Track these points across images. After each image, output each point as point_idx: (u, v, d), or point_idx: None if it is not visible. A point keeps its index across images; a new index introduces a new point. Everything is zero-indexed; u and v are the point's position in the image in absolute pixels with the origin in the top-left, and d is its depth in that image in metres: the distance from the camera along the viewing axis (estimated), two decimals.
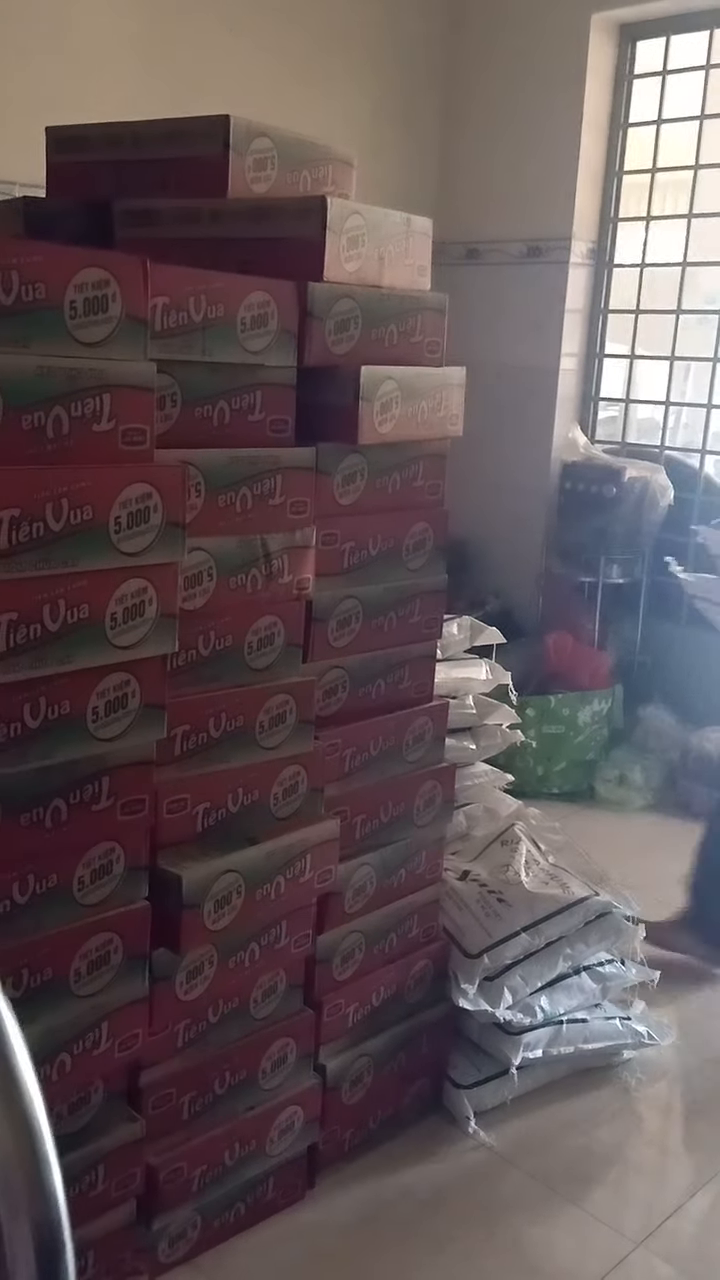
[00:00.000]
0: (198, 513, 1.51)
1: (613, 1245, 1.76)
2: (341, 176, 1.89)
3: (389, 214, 1.78)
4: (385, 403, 1.72)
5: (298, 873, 1.68)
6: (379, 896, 1.89)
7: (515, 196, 4.01)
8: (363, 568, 1.81)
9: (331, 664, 1.79)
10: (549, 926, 2.08)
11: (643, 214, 3.96)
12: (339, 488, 1.74)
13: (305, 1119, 1.78)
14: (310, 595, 1.70)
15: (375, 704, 1.88)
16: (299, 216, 1.66)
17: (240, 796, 1.62)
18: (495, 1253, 1.75)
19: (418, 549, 1.90)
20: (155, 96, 3.11)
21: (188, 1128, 1.63)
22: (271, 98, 3.39)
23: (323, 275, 1.65)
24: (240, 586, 1.59)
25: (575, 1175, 1.92)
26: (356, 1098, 1.89)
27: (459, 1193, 1.86)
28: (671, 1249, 1.76)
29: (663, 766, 3.59)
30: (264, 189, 1.77)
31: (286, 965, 1.74)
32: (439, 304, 1.85)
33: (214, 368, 1.53)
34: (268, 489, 1.60)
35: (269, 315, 1.58)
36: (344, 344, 1.70)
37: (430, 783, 1.97)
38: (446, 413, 1.87)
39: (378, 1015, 1.92)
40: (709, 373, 3.87)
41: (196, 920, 1.52)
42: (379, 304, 1.74)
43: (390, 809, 1.90)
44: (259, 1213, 1.76)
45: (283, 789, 1.68)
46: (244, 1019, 1.69)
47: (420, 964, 1.98)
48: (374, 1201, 1.83)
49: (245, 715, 1.61)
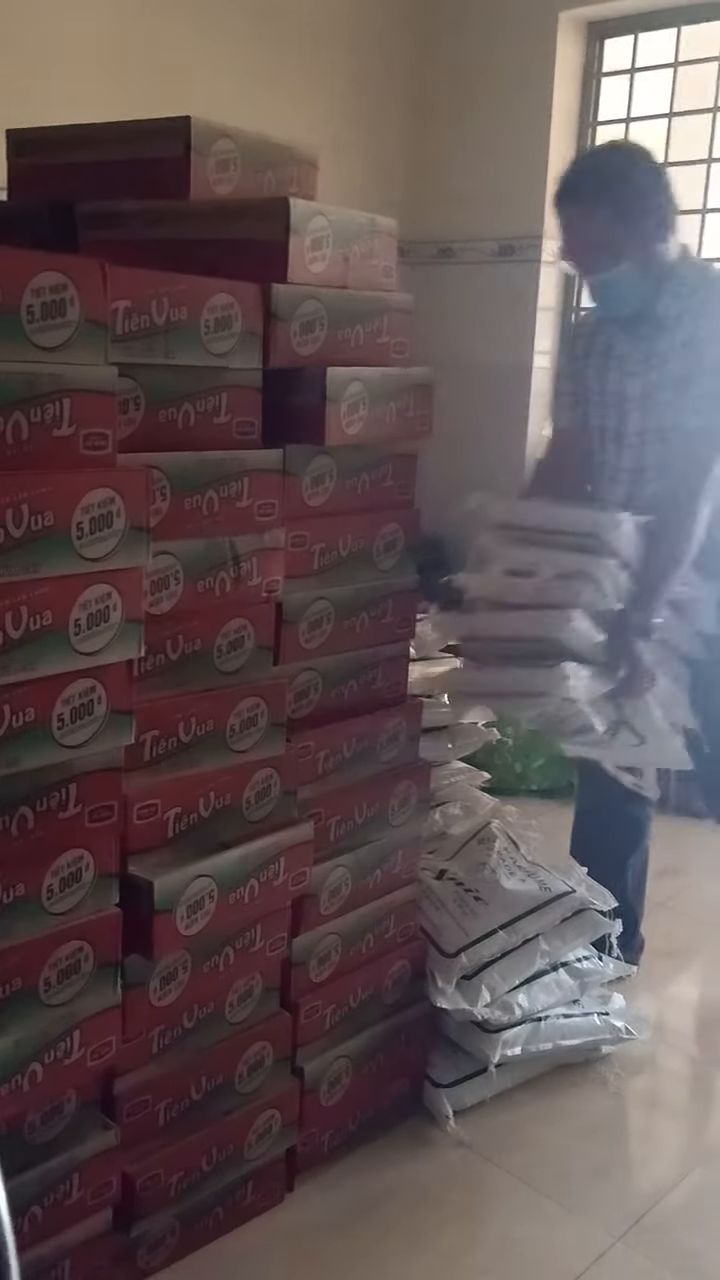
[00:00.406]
0: (163, 516, 1.50)
1: (593, 1240, 1.77)
2: (306, 177, 1.88)
3: (353, 214, 1.77)
4: (352, 404, 1.72)
5: (272, 876, 1.67)
6: (355, 898, 1.89)
7: (486, 195, 4.01)
8: (333, 569, 1.81)
9: (303, 666, 1.78)
10: (526, 924, 2.09)
11: None
12: (308, 489, 1.74)
13: (283, 1122, 1.78)
14: (280, 597, 1.70)
15: (348, 705, 1.88)
16: (262, 218, 1.65)
17: (212, 800, 1.61)
18: (476, 1251, 1.75)
19: (389, 549, 1.90)
20: (119, 98, 3.10)
21: (164, 1134, 1.62)
22: (238, 99, 3.38)
23: (287, 277, 1.64)
24: (209, 589, 1.58)
25: (555, 1172, 1.92)
26: (335, 1099, 1.89)
27: (439, 1192, 1.86)
28: (651, 1243, 1.77)
29: None
30: (227, 190, 1.77)
31: (262, 968, 1.73)
32: (405, 304, 1.84)
33: (178, 370, 1.53)
34: (235, 491, 1.59)
35: (233, 317, 1.57)
36: (309, 345, 1.69)
37: (405, 782, 1.97)
38: (415, 413, 1.86)
39: (355, 1016, 1.92)
40: None
41: (169, 926, 1.52)
42: (344, 305, 1.74)
43: (365, 810, 1.90)
44: (238, 1216, 1.75)
45: (255, 792, 1.67)
46: (219, 1023, 1.69)
47: (398, 964, 1.98)
48: (354, 1203, 1.82)
49: (216, 719, 1.60)
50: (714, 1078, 2.22)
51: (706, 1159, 1.98)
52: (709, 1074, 2.23)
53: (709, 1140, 2.05)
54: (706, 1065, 2.26)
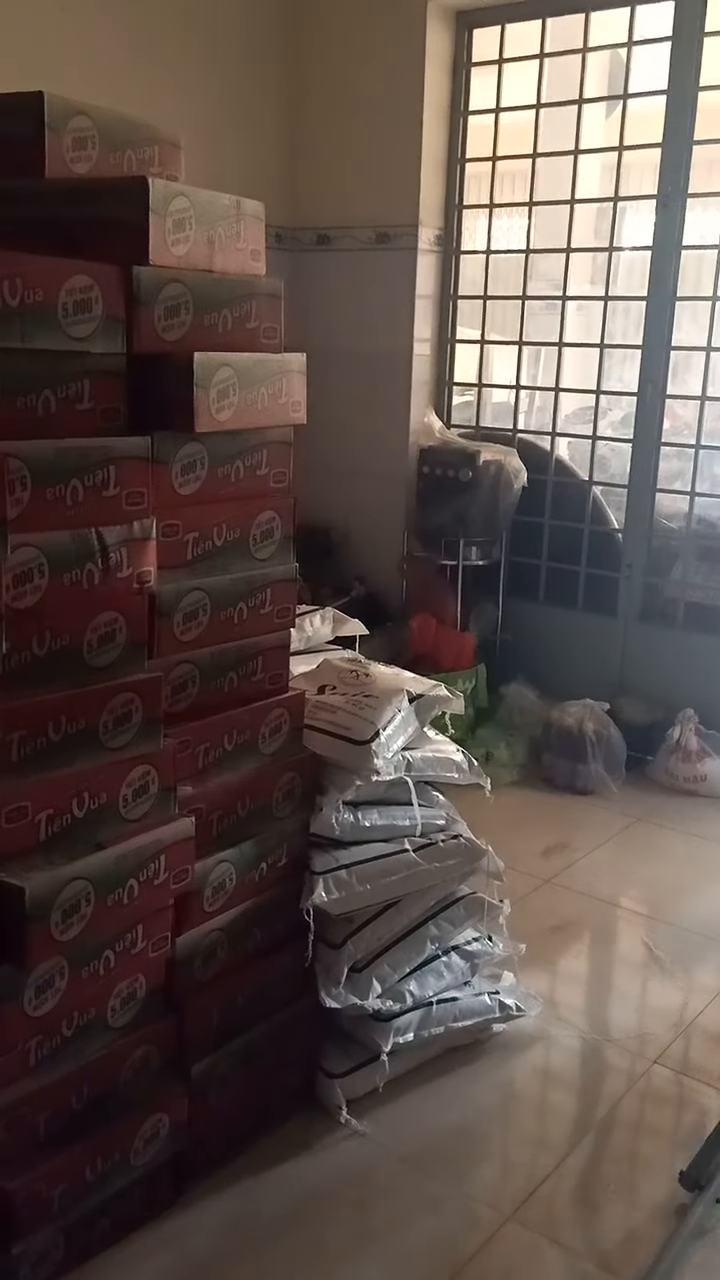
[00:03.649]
0: (24, 507, 1.44)
1: (485, 1220, 1.79)
2: (169, 158, 1.83)
3: (217, 196, 1.74)
4: (222, 390, 1.69)
5: (151, 875, 1.63)
6: (240, 892, 1.87)
7: (362, 183, 4.00)
8: (208, 559, 1.77)
9: (180, 659, 1.74)
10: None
11: (486, 201, 4.01)
12: (178, 477, 1.70)
13: (171, 1126, 1.74)
14: (153, 589, 1.66)
15: (229, 698, 1.85)
16: (120, 198, 1.61)
17: (86, 801, 1.56)
18: (367, 1242, 1.75)
19: (266, 538, 1.87)
20: None
21: (44, 1147, 1.57)
22: (109, 82, 3.28)
23: (148, 259, 1.60)
24: (75, 583, 1.53)
25: (448, 1154, 1.94)
26: (224, 1099, 1.86)
27: (332, 1185, 1.85)
28: (541, 1217, 1.80)
29: (527, 742, 3.67)
30: (85, 169, 1.70)
31: (145, 970, 1.69)
32: (274, 289, 1.82)
33: (35, 355, 1.47)
34: (100, 480, 1.54)
35: (92, 300, 1.52)
36: (175, 330, 1.65)
37: (289, 774, 1.95)
38: (289, 399, 1.84)
39: (244, 1013, 1.89)
40: (557, 356, 3.96)
41: (43, 932, 1.47)
42: (211, 289, 1.70)
43: (248, 803, 1.87)
44: (126, 1226, 1.71)
45: (132, 790, 1.63)
46: (102, 1030, 1.64)
47: (287, 957, 1.96)
48: (246, 1203, 1.80)
49: (87, 716, 1.55)
50: (602, 1050, 2.27)
51: (593, 1131, 2.03)
52: (597, 1047, 2.29)
53: (596, 1113, 2.09)
54: (594, 1038, 2.31)
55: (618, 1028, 2.36)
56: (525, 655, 3.94)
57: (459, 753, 2.23)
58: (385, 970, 2.05)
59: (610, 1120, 2.06)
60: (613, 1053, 2.26)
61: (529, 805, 3.44)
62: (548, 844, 3.17)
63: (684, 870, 3.09)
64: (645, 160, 3.66)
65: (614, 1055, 2.26)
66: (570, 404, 4.95)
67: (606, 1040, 2.31)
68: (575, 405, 4.96)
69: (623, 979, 2.60)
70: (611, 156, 3.74)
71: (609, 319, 3.82)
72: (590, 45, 3.68)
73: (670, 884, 3.01)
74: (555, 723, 3.60)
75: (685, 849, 3.21)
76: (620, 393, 4.00)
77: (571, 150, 3.77)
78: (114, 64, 3.39)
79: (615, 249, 3.82)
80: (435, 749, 2.20)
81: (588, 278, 5.24)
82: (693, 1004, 2.43)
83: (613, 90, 4.02)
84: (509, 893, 2.32)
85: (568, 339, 3.94)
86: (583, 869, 3.04)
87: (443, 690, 2.21)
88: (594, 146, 3.88)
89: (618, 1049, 2.27)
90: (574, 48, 3.71)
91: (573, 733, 3.55)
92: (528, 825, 3.27)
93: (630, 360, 3.83)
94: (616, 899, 2.92)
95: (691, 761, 3.54)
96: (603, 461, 4.11)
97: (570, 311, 3.93)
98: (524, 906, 2.74)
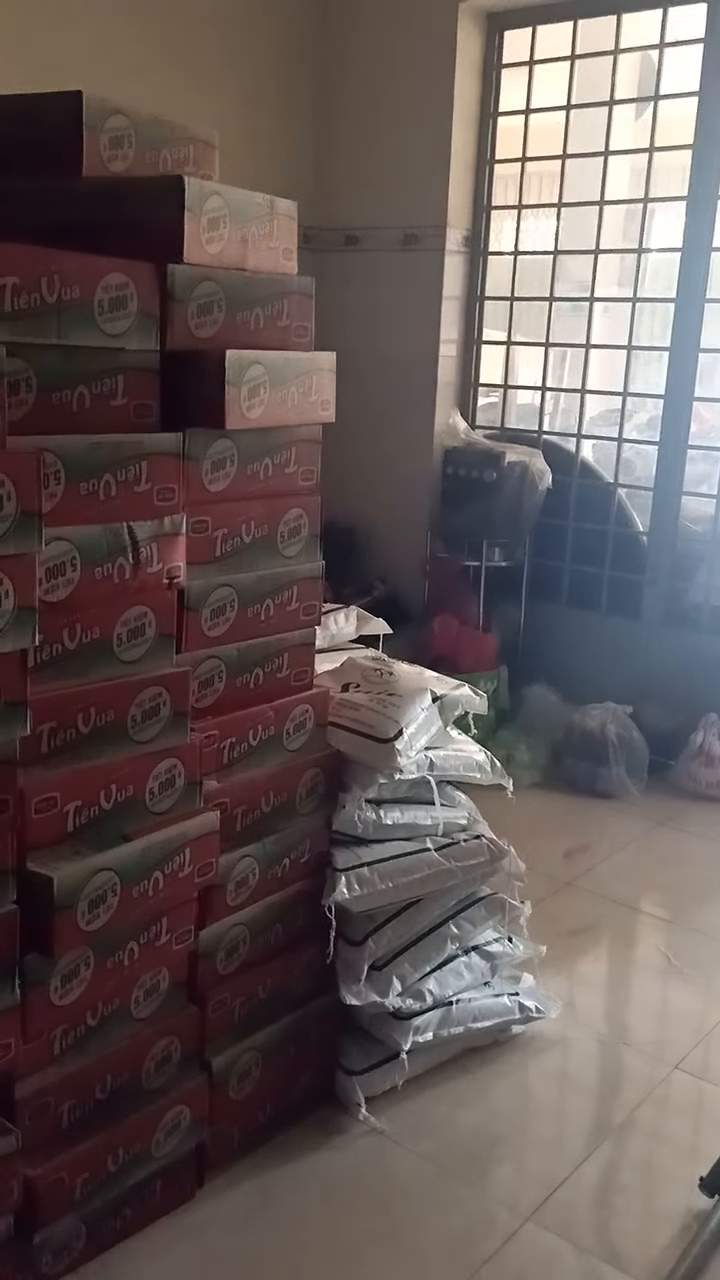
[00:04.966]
0: (57, 501, 1.46)
1: (503, 1221, 1.79)
2: (203, 157, 1.85)
3: (251, 195, 1.75)
4: (253, 387, 1.70)
5: (176, 867, 1.64)
6: (262, 887, 1.87)
7: (391, 184, 4.01)
8: (236, 555, 1.78)
9: (207, 654, 1.75)
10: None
11: (514, 203, 4.01)
12: (208, 474, 1.71)
13: (192, 1118, 1.75)
14: (182, 584, 1.67)
15: (254, 693, 1.85)
16: (156, 196, 1.62)
17: (114, 793, 1.57)
18: (386, 1240, 1.75)
19: (293, 535, 1.88)
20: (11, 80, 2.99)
21: (68, 1136, 1.58)
22: (142, 84, 3.28)
23: (183, 257, 1.61)
24: (106, 576, 1.54)
25: (466, 1154, 1.94)
26: (245, 1092, 1.87)
27: (350, 1181, 1.86)
28: (560, 1221, 1.80)
29: (548, 745, 3.66)
30: (122, 168, 1.72)
31: (168, 962, 1.70)
32: (306, 287, 1.83)
33: (71, 351, 1.48)
34: (132, 475, 1.56)
35: (128, 297, 1.53)
36: (208, 327, 1.66)
37: (313, 770, 1.95)
38: (318, 398, 1.85)
39: (265, 1007, 1.90)
40: (583, 358, 3.95)
41: (70, 922, 1.48)
42: (243, 287, 1.71)
43: (272, 799, 1.88)
44: (147, 1216, 1.72)
45: (158, 783, 1.64)
46: (125, 1020, 1.65)
47: (308, 953, 1.97)
48: (265, 1196, 1.81)
49: (116, 709, 1.56)
50: (621, 1054, 2.27)
51: (613, 1135, 2.02)
52: (616, 1051, 2.28)
53: (616, 1116, 2.09)
54: (614, 1042, 2.31)
55: (637, 1032, 2.35)
56: (547, 657, 3.93)
57: (481, 753, 2.23)
58: (405, 969, 2.05)
59: (629, 1125, 2.06)
60: (632, 1057, 2.26)
61: (550, 808, 3.43)
62: (568, 847, 3.16)
63: (706, 876, 3.07)
64: (675, 162, 3.65)
65: (633, 1060, 2.25)
66: (595, 406, 4.94)
67: (626, 1044, 2.30)
68: (600, 407, 4.95)
69: (643, 984, 2.59)
70: (641, 158, 3.73)
71: (636, 321, 3.81)
72: (621, 47, 3.68)
73: (692, 889, 2.99)
74: (577, 725, 3.60)
75: (707, 854, 3.19)
76: (647, 395, 3.99)
77: (601, 152, 3.76)
78: (147, 65, 3.41)
79: (644, 250, 3.81)
80: (458, 749, 2.21)
81: (615, 279, 5.23)
82: (713, 1010, 2.42)
83: (643, 92, 4.00)
84: (530, 895, 2.32)
85: (595, 341, 3.93)
86: (603, 873, 3.03)
87: (466, 690, 2.22)
88: (624, 148, 3.87)
89: (637, 1053, 2.27)
90: (605, 49, 3.71)
91: (594, 736, 3.54)
92: (548, 828, 3.27)
93: (657, 363, 3.82)
94: (637, 903, 2.91)
95: (714, 767, 3.52)
96: (628, 464, 4.09)
97: (597, 313, 3.93)
98: (544, 909, 2.74)
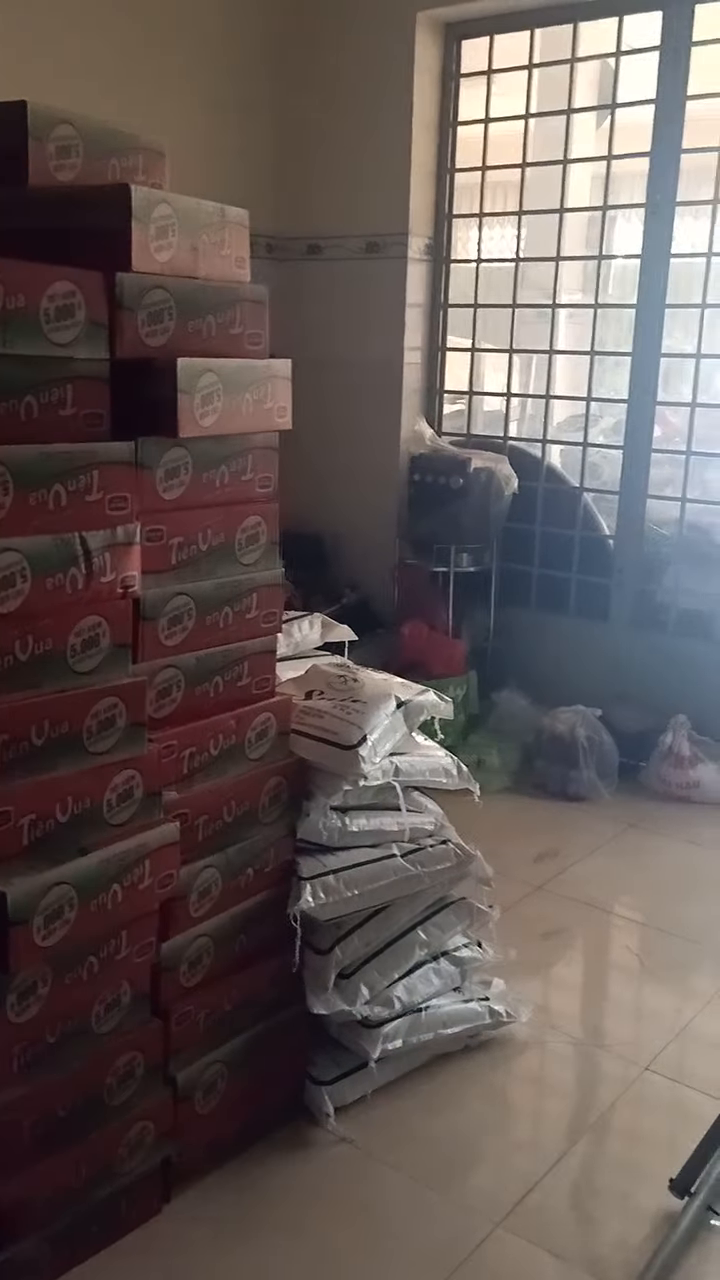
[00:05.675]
0: (6, 511, 1.45)
1: (473, 1227, 1.78)
2: (153, 166, 1.84)
3: (201, 204, 1.74)
4: (206, 395, 1.69)
5: (136, 880, 1.63)
6: (226, 898, 1.86)
7: (352, 193, 4.02)
8: (193, 563, 1.77)
9: (164, 663, 1.74)
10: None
11: (475, 210, 4.03)
12: (162, 482, 1.70)
13: (157, 1133, 1.73)
14: (137, 593, 1.66)
15: (215, 702, 1.84)
16: (103, 205, 1.61)
17: (70, 805, 1.56)
18: (356, 1250, 1.73)
19: (251, 543, 1.88)
20: None
21: (30, 1155, 1.56)
22: (101, 92, 3.29)
23: (131, 265, 1.60)
24: (59, 587, 1.53)
25: (436, 1162, 1.93)
26: (212, 1106, 1.85)
27: (319, 1193, 1.84)
28: (531, 1225, 1.79)
29: (518, 748, 3.67)
30: (69, 177, 1.71)
31: (130, 976, 1.69)
32: (259, 295, 1.82)
33: (17, 361, 1.47)
34: (84, 485, 1.55)
35: (75, 306, 1.52)
36: (159, 336, 1.66)
37: (276, 779, 1.94)
38: (274, 405, 1.84)
39: (231, 1019, 1.88)
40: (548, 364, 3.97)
41: (25, 938, 1.46)
42: (194, 295, 1.71)
43: (234, 808, 1.87)
44: (113, 1233, 1.70)
45: (116, 795, 1.62)
46: (86, 1036, 1.63)
47: (274, 963, 1.95)
48: (233, 1210, 1.79)
49: (70, 721, 1.55)
50: (594, 1056, 2.27)
51: (584, 1137, 2.02)
52: (588, 1053, 2.28)
53: (587, 1119, 2.08)
54: (586, 1044, 2.30)
55: (610, 1034, 2.35)
56: (517, 662, 3.94)
57: (448, 757, 2.23)
58: (374, 976, 2.04)
59: (602, 1126, 2.05)
60: (605, 1059, 2.26)
61: (521, 811, 3.44)
62: (540, 850, 3.17)
63: (676, 877, 3.08)
64: (635, 169, 3.68)
65: (606, 1061, 2.25)
66: (563, 412, 4.96)
67: (598, 1046, 2.30)
68: (566, 413, 4.97)
69: (615, 985, 2.59)
70: (601, 166, 3.75)
71: (600, 327, 3.83)
72: (579, 55, 3.71)
73: (663, 890, 3.00)
74: (547, 729, 3.60)
75: (678, 855, 3.20)
76: (611, 400, 4.01)
77: (561, 160, 3.79)
78: (106, 73, 3.41)
79: (605, 257, 3.84)
80: (424, 754, 2.20)
81: (579, 286, 5.26)
82: (685, 1010, 2.42)
83: (602, 100, 4.04)
84: (501, 899, 2.32)
85: (559, 347, 3.95)
86: (575, 875, 3.04)
87: (431, 695, 2.21)
88: (585, 156, 3.90)
89: (610, 1055, 2.27)
90: (563, 58, 3.74)
91: (565, 739, 3.55)
92: (519, 832, 3.27)
93: (621, 367, 3.84)
94: (609, 905, 2.91)
95: (684, 768, 3.54)
96: (594, 468, 4.11)
97: (561, 319, 3.95)
98: (516, 913, 2.74)
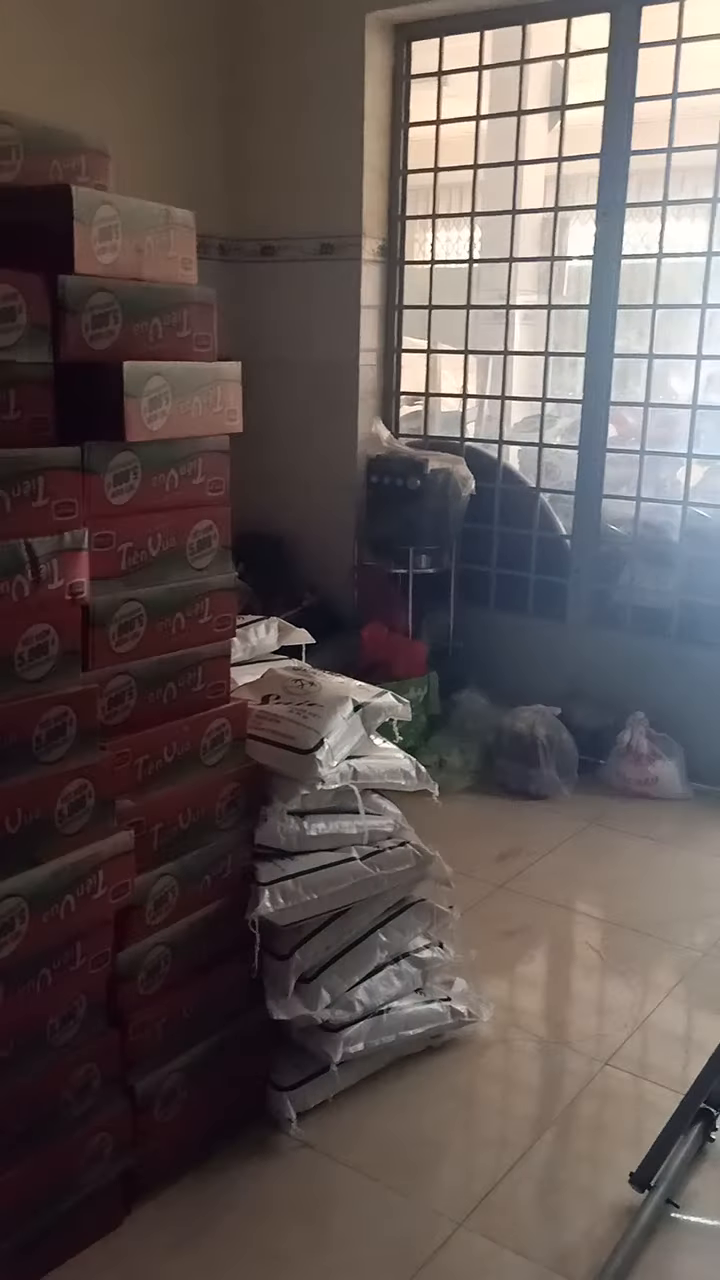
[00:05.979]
0: None
1: (436, 1228, 1.78)
2: (96, 166, 1.82)
3: (146, 205, 1.73)
4: (154, 398, 1.68)
5: (89, 890, 1.61)
6: (184, 905, 1.84)
7: (305, 194, 4.01)
8: (143, 568, 1.76)
9: (116, 670, 1.72)
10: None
11: (429, 212, 4.04)
12: (111, 487, 1.68)
13: (116, 1144, 1.71)
14: (86, 600, 1.64)
15: (168, 709, 1.83)
16: (43, 206, 1.59)
17: (19, 816, 1.54)
18: (319, 1254, 1.73)
19: (203, 547, 1.86)
20: None
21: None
22: (47, 92, 3.26)
23: (74, 267, 1.58)
24: (4, 594, 1.50)
25: (399, 1164, 1.92)
26: (172, 1115, 1.83)
27: (283, 1199, 1.83)
28: (491, 1224, 1.79)
29: (480, 748, 3.68)
30: (9, 178, 1.69)
31: (85, 987, 1.67)
32: (206, 298, 1.81)
33: None
34: (29, 490, 1.53)
35: (16, 309, 1.50)
36: (104, 339, 1.64)
37: (232, 785, 1.93)
38: (224, 408, 1.83)
39: (190, 1027, 1.87)
40: (503, 365, 3.99)
41: None
42: (140, 297, 1.69)
43: (190, 815, 1.85)
44: (73, 1246, 1.68)
45: (68, 804, 1.60)
46: (41, 1049, 1.61)
47: (234, 969, 1.94)
48: (195, 1219, 1.78)
49: (18, 730, 1.53)
50: (555, 1053, 2.27)
51: (547, 1134, 2.03)
52: (551, 1050, 2.29)
53: (550, 1115, 2.09)
54: (548, 1041, 2.31)
55: (572, 1030, 2.36)
56: (477, 662, 3.95)
57: (406, 759, 2.23)
58: (334, 980, 2.03)
59: (564, 1122, 2.06)
60: (566, 1055, 2.27)
61: (482, 811, 3.45)
62: (501, 849, 3.18)
63: (636, 872, 3.10)
64: (587, 170, 3.70)
65: (568, 1057, 2.26)
66: (519, 412, 4.99)
67: (560, 1043, 2.31)
68: (523, 413, 5.00)
69: (577, 981, 2.61)
70: (554, 167, 3.78)
71: (554, 327, 3.85)
72: (528, 57, 3.73)
73: (623, 886, 3.02)
74: (507, 728, 3.61)
75: (637, 851, 3.23)
76: (566, 400, 4.04)
77: (512, 161, 3.81)
78: (51, 75, 3.37)
79: (558, 258, 3.86)
80: (382, 756, 2.20)
81: (533, 287, 5.30)
82: (646, 1004, 2.44)
83: (554, 102, 4.06)
84: (463, 898, 2.32)
85: (514, 348, 3.97)
86: (536, 873, 3.05)
87: (389, 697, 2.21)
88: (538, 157, 3.92)
89: (572, 1051, 2.28)
90: (512, 59, 3.75)
91: (525, 738, 3.56)
92: (481, 831, 3.28)
93: (576, 368, 3.87)
94: (570, 903, 2.93)
95: (642, 764, 3.56)
96: (550, 469, 4.14)
97: (516, 320, 3.97)
98: (478, 912, 2.75)
